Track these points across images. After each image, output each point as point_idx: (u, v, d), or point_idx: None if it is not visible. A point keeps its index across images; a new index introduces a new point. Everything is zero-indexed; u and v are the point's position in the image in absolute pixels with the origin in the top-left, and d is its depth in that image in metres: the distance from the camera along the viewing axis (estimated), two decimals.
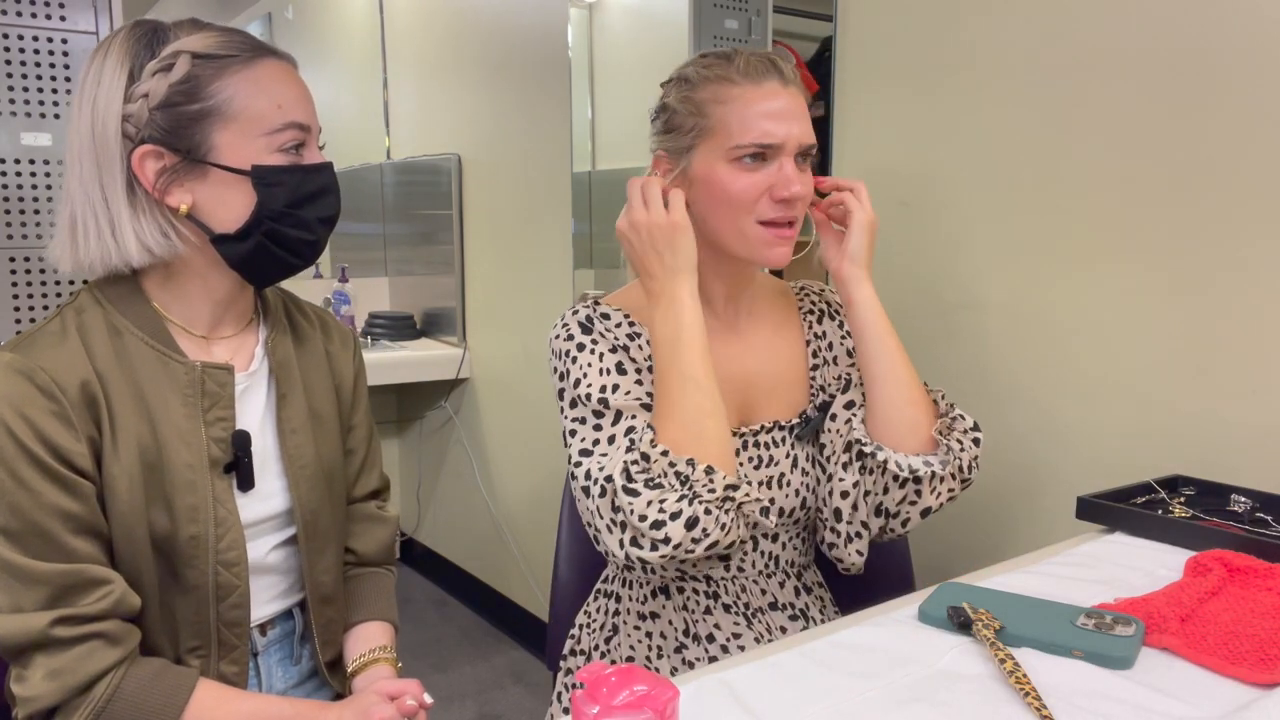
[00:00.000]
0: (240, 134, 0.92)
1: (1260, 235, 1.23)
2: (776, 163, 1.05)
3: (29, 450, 0.87)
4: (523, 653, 2.66)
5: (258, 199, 0.94)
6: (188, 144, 0.92)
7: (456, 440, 2.94)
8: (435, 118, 2.95)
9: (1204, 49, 1.26)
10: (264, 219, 0.94)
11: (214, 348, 1.01)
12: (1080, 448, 1.44)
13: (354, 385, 1.15)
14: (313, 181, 0.97)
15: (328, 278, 3.04)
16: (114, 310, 0.95)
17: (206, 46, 0.92)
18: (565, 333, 1.12)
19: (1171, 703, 0.76)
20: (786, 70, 1.08)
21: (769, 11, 1.94)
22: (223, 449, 0.97)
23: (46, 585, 0.87)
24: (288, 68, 0.97)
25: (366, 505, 1.18)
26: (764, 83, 1.06)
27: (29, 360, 0.89)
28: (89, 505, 0.90)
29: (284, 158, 0.95)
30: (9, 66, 1.72)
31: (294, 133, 0.95)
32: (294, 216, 0.95)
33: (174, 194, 0.93)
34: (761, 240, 1.07)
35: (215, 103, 0.92)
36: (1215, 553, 1.00)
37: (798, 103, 1.08)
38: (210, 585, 0.96)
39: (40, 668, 0.87)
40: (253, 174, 0.93)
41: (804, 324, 1.23)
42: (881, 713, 0.74)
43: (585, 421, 1.06)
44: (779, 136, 1.04)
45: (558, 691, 1.24)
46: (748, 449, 1.14)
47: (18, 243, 1.76)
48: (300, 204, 0.96)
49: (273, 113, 0.93)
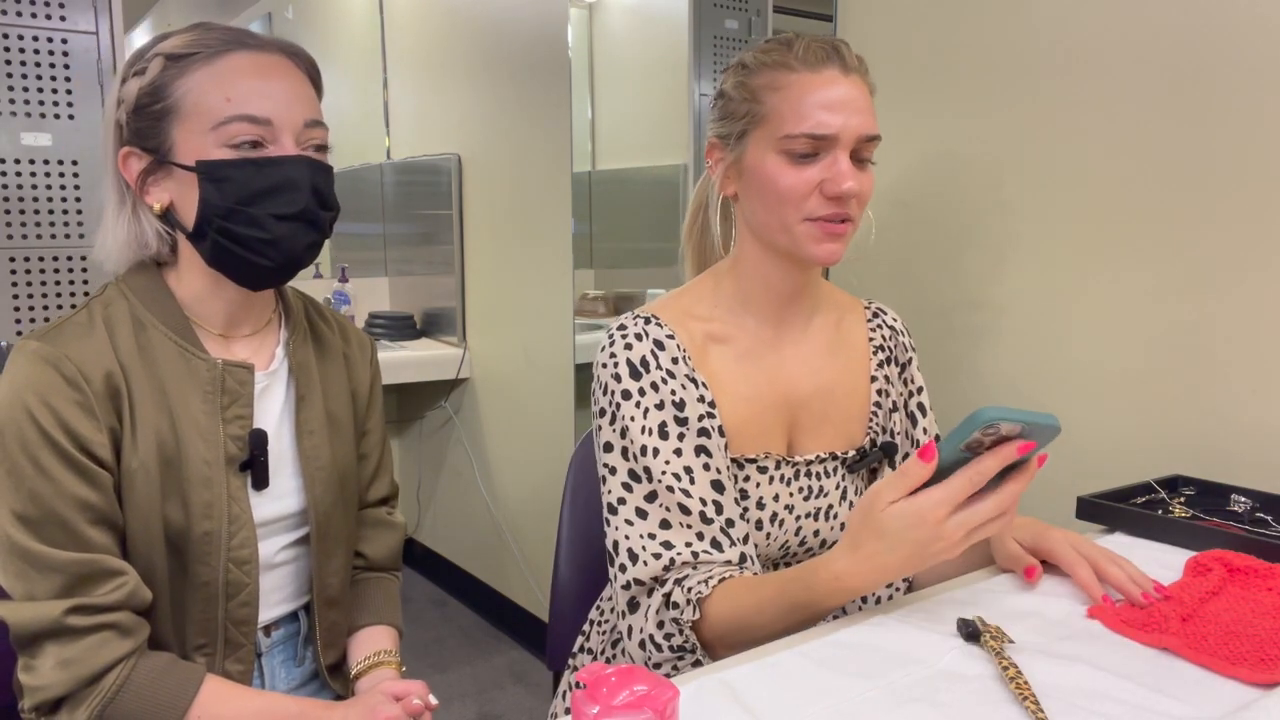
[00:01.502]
0: (191, 130, 0.92)
1: (1260, 235, 1.23)
2: (831, 155, 0.98)
3: (51, 438, 0.87)
4: (523, 653, 2.66)
5: (201, 195, 0.93)
6: (154, 144, 0.94)
7: (456, 440, 2.94)
8: (435, 118, 2.95)
9: (1206, 49, 1.26)
10: (211, 216, 0.93)
11: (235, 346, 1.01)
12: (1080, 448, 1.44)
13: (370, 391, 1.15)
14: (267, 176, 0.92)
15: (328, 278, 3.04)
16: (139, 304, 0.96)
17: (178, 47, 0.93)
18: (613, 367, 1.02)
19: (1171, 703, 0.76)
20: (849, 57, 1.01)
21: (769, 11, 1.94)
22: (240, 447, 0.98)
23: (62, 574, 0.87)
24: (263, 59, 0.94)
25: (377, 511, 1.19)
26: (823, 69, 0.99)
27: (56, 349, 0.89)
28: (107, 496, 0.90)
29: (232, 152, 0.92)
30: (9, 66, 1.72)
31: (242, 125, 0.91)
32: (244, 213, 0.92)
33: (152, 193, 0.95)
34: (809, 236, 0.99)
35: (172, 100, 0.92)
36: (1215, 553, 1.00)
37: (859, 92, 1.00)
38: (220, 582, 0.96)
39: (51, 656, 0.87)
40: (198, 169, 0.92)
41: (871, 357, 1.13)
42: (881, 713, 0.74)
43: (616, 473, 1.01)
44: (833, 127, 0.97)
45: (563, 690, 1.24)
46: (799, 479, 1.07)
47: (18, 243, 1.76)
48: (251, 200, 0.92)
49: (220, 106, 0.91)
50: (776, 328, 1.09)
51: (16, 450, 0.87)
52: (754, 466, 1.05)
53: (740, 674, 0.82)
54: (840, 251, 1.01)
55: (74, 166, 1.79)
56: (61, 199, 1.78)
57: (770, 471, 1.06)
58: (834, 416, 1.10)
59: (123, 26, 1.80)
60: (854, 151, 0.99)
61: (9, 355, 0.92)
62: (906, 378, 1.17)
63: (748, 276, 1.07)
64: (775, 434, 1.07)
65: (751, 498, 1.05)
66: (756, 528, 1.05)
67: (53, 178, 1.77)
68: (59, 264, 1.79)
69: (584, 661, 1.22)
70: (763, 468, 1.05)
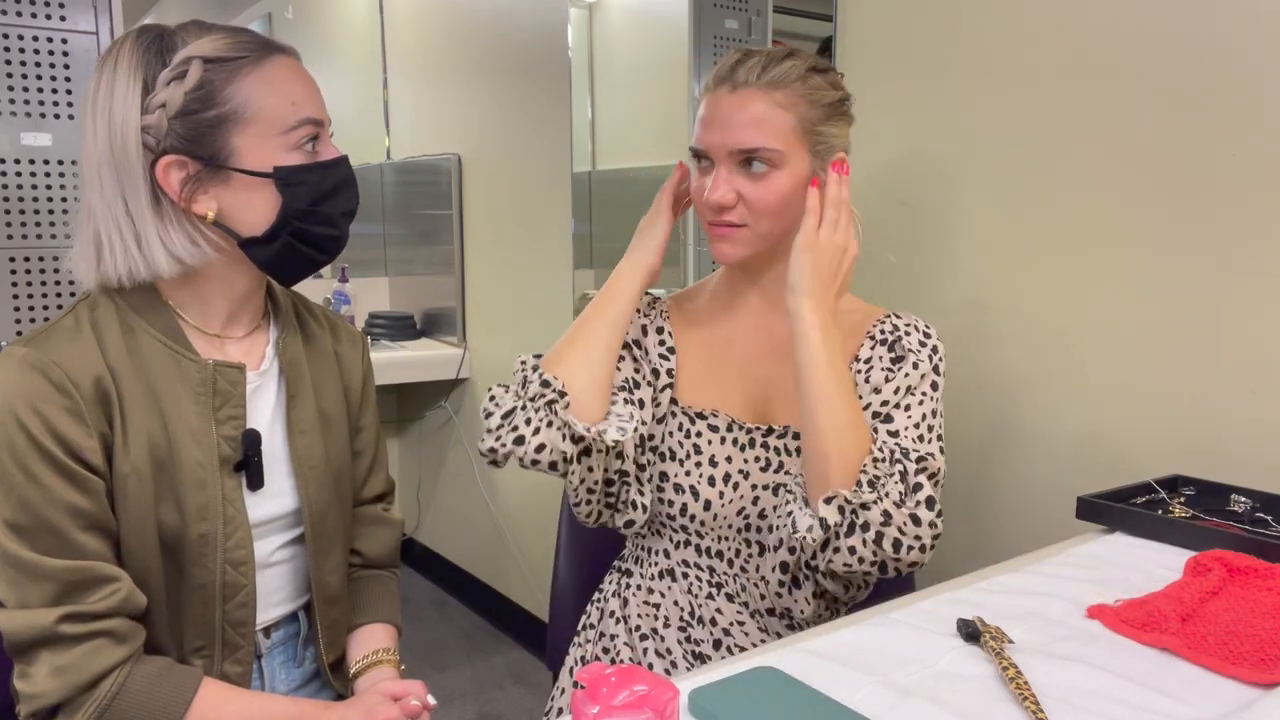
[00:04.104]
0: (258, 136, 0.92)
1: (1260, 235, 1.23)
2: (713, 168, 1.08)
3: (41, 445, 0.86)
4: (523, 653, 2.66)
5: (282, 200, 0.94)
6: (209, 151, 0.91)
7: (456, 440, 2.94)
8: (435, 118, 2.95)
9: (1205, 48, 1.27)
10: (290, 219, 0.94)
11: (226, 346, 1.01)
12: (1080, 448, 1.44)
13: (362, 387, 1.15)
14: (332, 176, 0.97)
15: (328, 278, 3.04)
16: (127, 308, 0.95)
17: (216, 50, 0.91)
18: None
19: (1171, 703, 0.76)
20: (748, 71, 1.06)
21: (769, 11, 1.94)
22: (233, 447, 0.97)
23: (54, 581, 0.87)
24: (295, 63, 0.97)
25: (373, 508, 1.19)
26: (717, 89, 1.08)
27: (43, 355, 0.89)
28: (99, 502, 0.90)
29: (302, 155, 0.95)
30: (9, 66, 1.72)
31: (309, 128, 0.95)
32: (318, 214, 0.96)
33: (200, 201, 0.92)
34: (709, 236, 1.11)
35: (231, 107, 0.91)
36: (1215, 553, 1.00)
37: (742, 106, 1.05)
38: (217, 584, 0.96)
39: (45, 664, 0.87)
40: (275, 175, 0.93)
41: (861, 345, 1.14)
42: (881, 713, 0.74)
43: None
44: (704, 142, 1.08)
45: (569, 666, 1.24)
46: (754, 447, 1.14)
47: (17, 243, 1.76)
48: (323, 200, 0.96)
49: (287, 111, 0.93)
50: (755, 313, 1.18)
51: (6, 458, 0.86)
52: (705, 423, 1.15)
53: None
54: (731, 253, 1.09)
55: (74, 166, 1.79)
56: (61, 199, 1.78)
57: (722, 432, 1.14)
58: None
59: (123, 26, 1.80)
60: (742, 162, 1.06)
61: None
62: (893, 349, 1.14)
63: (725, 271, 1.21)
64: (735, 400, 1.16)
65: (704, 453, 1.14)
66: (709, 484, 1.13)
67: (53, 178, 1.77)
68: (59, 264, 1.79)
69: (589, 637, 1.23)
70: (714, 426, 1.15)
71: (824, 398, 1.00)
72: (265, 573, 1.02)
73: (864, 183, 1.77)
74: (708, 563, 1.15)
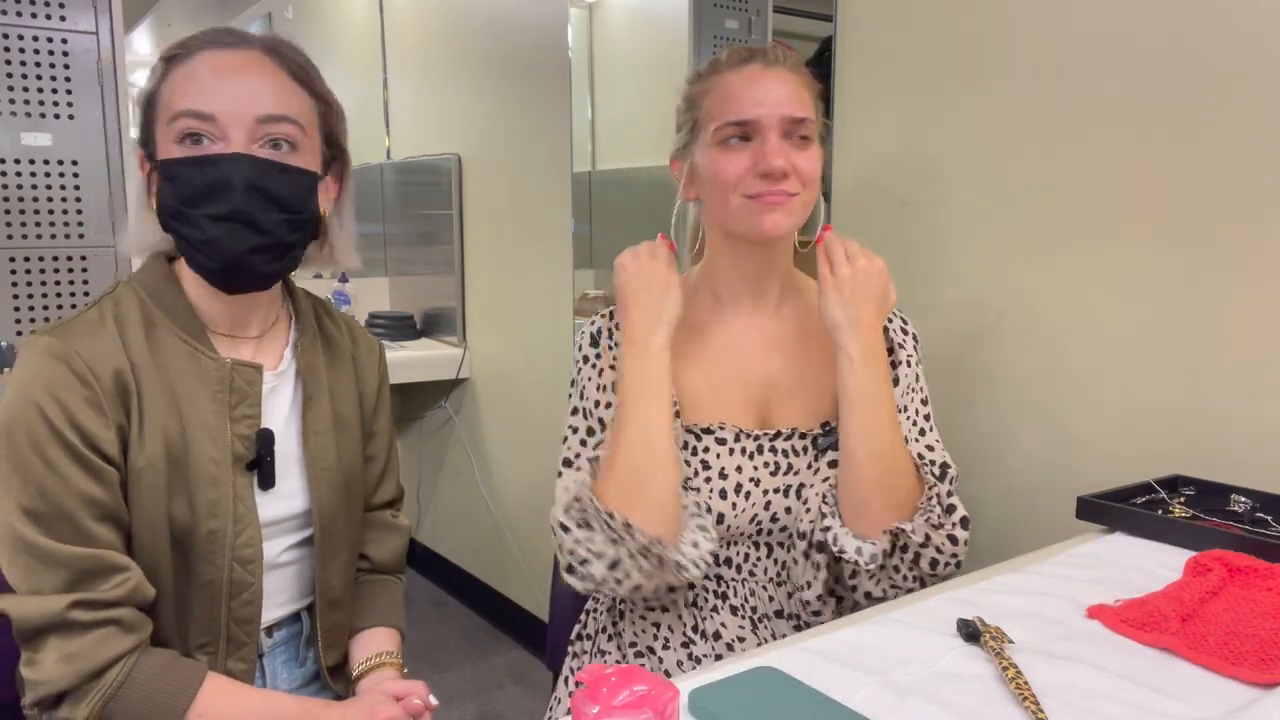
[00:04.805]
0: (160, 127, 0.93)
1: (1260, 235, 1.23)
2: (760, 138, 1.06)
3: (60, 434, 0.87)
4: (523, 653, 2.66)
5: (159, 194, 0.94)
6: (150, 145, 0.95)
7: (456, 440, 2.93)
8: (435, 118, 2.95)
9: (1206, 48, 1.26)
10: (165, 216, 0.93)
11: (243, 347, 1.01)
12: (1080, 448, 1.44)
13: (377, 393, 1.15)
14: (205, 175, 0.90)
15: (327, 278, 3.04)
16: (151, 303, 0.97)
17: (172, 48, 0.94)
18: (581, 340, 1.19)
19: (1171, 703, 0.76)
20: (773, 54, 1.10)
21: (769, 11, 1.94)
22: (246, 446, 0.98)
23: (66, 568, 0.87)
24: (230, 57, 0.93)
25: (382, 514, 1.19)
26: (745, 67, 1.08)
27: (66, 345, 0.90)
28: (113, 492, 0.91)
29: (181, 149, 0.91)
30: (9, 66, 1.72)
31: (187, 120, 0.90)
32: (186, 214, 0.91)
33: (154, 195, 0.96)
34: (751, 211, 1.06)
35: (157, 100, 0.94)
36: (1215, 553, 1.00)
37: (781, 80, 1.07)
38: (224, 581, 0.96)
39: (54, 650, 0.87)
40: (160, 167, 0.93)
41: None
42: (881, 712, 0.74)
43: (576, 431, 1.15)
44: (755, 111, 1.05)
45: (564, 675, 1.24)
46: (763, 453, 1.12)
47: (18, 243, 1.76)
48: (193, 200, 0.90)
49: (175, 102, 0.92)
50: (746, 313, 1.16)
51: (25, 445, 0.87)
52: (712, 438, 1.12)
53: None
54: (784, 222, 1.06)
55: (74, 166, 1.78)
56: (61, 199, 1.78)
57: (730, 444, 1.12)
58: (802, 395, 1.15)
59: (123, 26, 1.80)
60: (787, 132, 1.06)
61: (19, 350, 0.92)
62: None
63: (716, 266, 1.16)
64: (736, 408, 1.14)
65: (713, 468, 1.11)
66: (721, 497, 1.11)
67: (53, 178, 1.77)
68: (59, 264, 1.79)
69: (582, 648, 1.23)
70: (721, 439, 1.12)
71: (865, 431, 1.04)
72: (272, 573, 1.03)
73: (863, 182, 1.77)
74: (715, 571, 1.14)
